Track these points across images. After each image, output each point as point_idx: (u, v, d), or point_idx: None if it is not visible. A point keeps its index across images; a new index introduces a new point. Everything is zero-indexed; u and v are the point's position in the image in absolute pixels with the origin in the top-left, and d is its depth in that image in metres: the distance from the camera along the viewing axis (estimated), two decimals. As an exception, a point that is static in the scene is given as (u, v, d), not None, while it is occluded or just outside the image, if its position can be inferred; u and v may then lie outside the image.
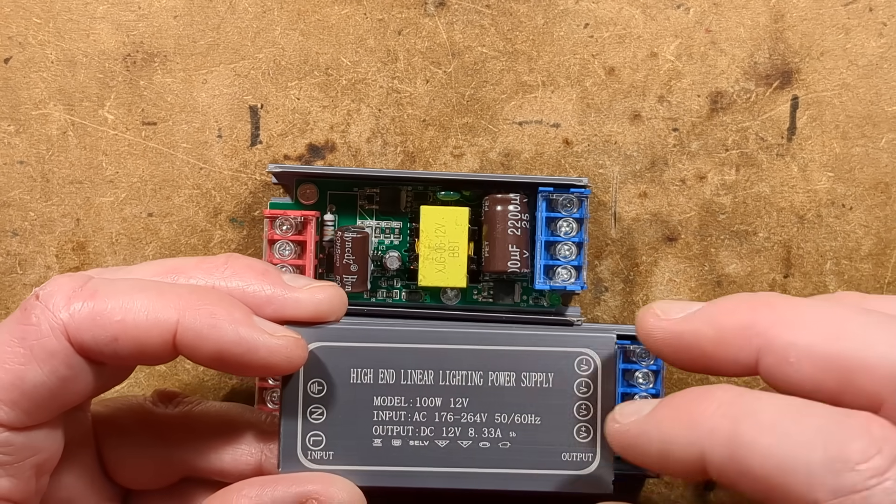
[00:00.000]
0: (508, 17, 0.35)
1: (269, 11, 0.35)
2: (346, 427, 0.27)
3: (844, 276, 0.35)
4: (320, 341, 0.27)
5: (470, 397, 0.27)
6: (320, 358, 0.27)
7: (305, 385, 0.27)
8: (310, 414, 0.27)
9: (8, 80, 0.35)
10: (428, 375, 0.27)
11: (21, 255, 0.36)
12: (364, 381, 0.27)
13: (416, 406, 0.27)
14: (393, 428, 0.27)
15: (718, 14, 0.35)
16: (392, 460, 0.27)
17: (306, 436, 0.27)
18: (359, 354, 0.27)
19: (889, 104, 0.35)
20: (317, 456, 0.27)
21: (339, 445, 0.27)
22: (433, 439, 0.27)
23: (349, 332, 0.27)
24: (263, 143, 0.35)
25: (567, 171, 0.35)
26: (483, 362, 0.27)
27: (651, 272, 0.35)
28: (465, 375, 0.27)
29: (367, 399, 0.27)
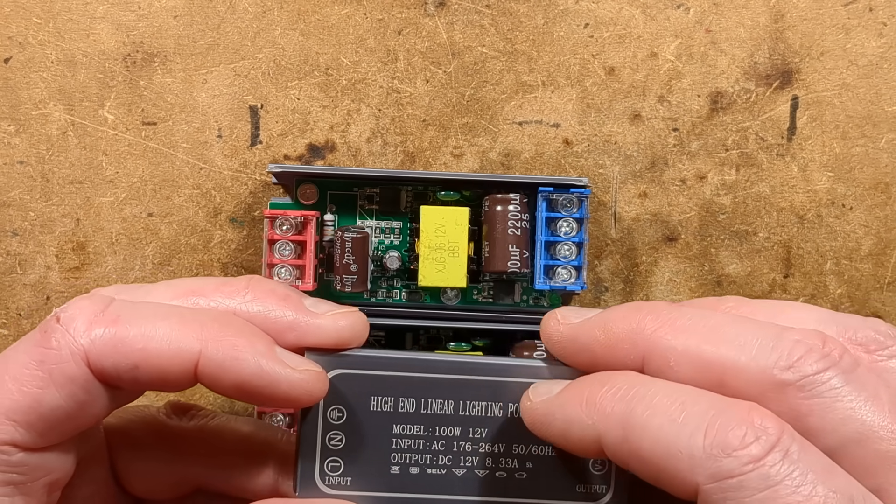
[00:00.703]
0: (508, 17, 0.35)
1: (269, 11, 0.35)
2: (364, 454, 0.27)
3: (844, 276, 0.35)
4: (341, 369, 0.27)
5: (489, 427, 0.27)
6: (341, 385, 0.27)
7: (325, 411, 0.27)
8: (329, 440, 0.27)
9: (8, 80, 0.35)
10: (448, 405, 0.27)
11: (21, 255, 0.36)
12: (384, 408, 0.27)
13: (435, 435, 0.27)
14: (411, 456, 0.27)
15: (718, 14, 0.35)
16: (409, 488, 0.27)
17: (325, 461, 0.27)
18: (380, 382, 0.27)
19: (889, 104, 0.35)
20: (334, 482, 0.27)
21: (357, 472, 0.27)
22: (451, 468, 0.27)
23: (371, 361, 0.27)
24: (263, 143, 0.35)
25: (567, 171, 0.35)
26: (503, 394, 0.27)
27: (651, 272, 0.35)
28: (485, 406, 0.27)
29: (386, 427, 0.27)
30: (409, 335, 0.34)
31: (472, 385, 0.27)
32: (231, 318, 0.25)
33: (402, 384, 0.27)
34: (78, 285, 0.35)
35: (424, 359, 0.27)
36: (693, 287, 0.35)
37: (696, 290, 0.35)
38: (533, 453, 0.27)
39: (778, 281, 0.35)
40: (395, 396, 0.27)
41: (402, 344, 0.34)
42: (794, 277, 0.35)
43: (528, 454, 0.27)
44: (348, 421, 0.27)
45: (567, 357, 0.26)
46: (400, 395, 0.27)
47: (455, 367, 0.28)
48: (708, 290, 0.35)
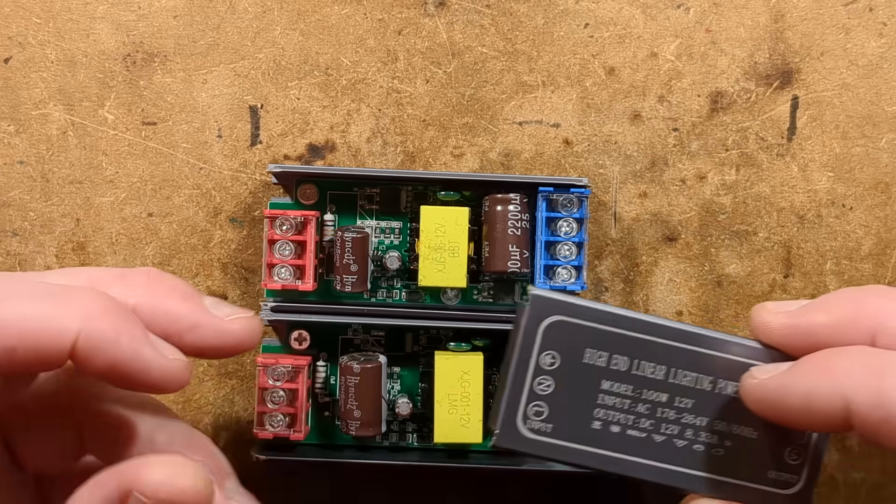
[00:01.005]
0: (508, 17, 0.35)
1: (269, 11, 0.35)
2: (569, 404, 0.27)
3: (844, 276, 0.35)
4: (562, 315, 0.27)
5: (695, 400, 0.28)
6: (558, 332, 0.27)
7: (539, 355, 0.27)
8: (537, 384, 0.27)
9: (8, 80, 0.35)
10: (660, 370, 0.28)
11: (21, 255, 0.36)
12: (597, 362, 0.28)
13: (641, 397, 0.28)
14: (615, 414, 0.28)
15: (718, 14, 0.35)
16: (607, 444, 0.28)
17: (529, 404, 0.27)
18: (597, 336, 0.28)
19: (889, 104, 0.35)
20: (535, 426, 0.27)
21: (559, 420, 0.27)
22: (651, 433, 0.28)
23: (591, 313, 0.27)
24: (263, 143, 0.35)
25: (567, 171, 0.35)
26: (715, 369, 0.28)
27: (651, 272, 0.35)
28: (696, 378, 0.28)
29: (595, 381, 0.28)
30: (409, 335, 0.34)
31: (686, 354, 0.28)
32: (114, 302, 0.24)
33: (618, 341, 0.28)
34: (78, 285, 0.35)
35: (646, 320, 0.28)
36: (693, 287, 0.35)
37: (696, 290, 0.35)
38: (734, 433, 0.28)
39: (778, 281, 0.35)
40: (610, 352, 0.28)
41: (402, 344, 0.34)
42: (794, 277, 0.35)
43: (728, 432, 0.28)
44: (560, 368, 0.27)
45: (787, 343, 0.27)
46: (615, 351, 0.28)
47: (674, 334, 0.28)
48: (708, 289, 0.35)
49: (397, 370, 0.34)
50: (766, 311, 0.27)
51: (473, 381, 0.32)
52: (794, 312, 0.27)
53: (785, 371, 0.26)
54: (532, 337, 0.27)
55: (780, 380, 0.26)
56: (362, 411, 0.32)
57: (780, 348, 0.27)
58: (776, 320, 0.27)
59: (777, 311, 0.27)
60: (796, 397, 0.25)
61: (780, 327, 0.27)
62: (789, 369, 0.26)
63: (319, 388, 0.34)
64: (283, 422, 0.32)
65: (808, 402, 0.25)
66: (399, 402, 0.33)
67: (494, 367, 0.34)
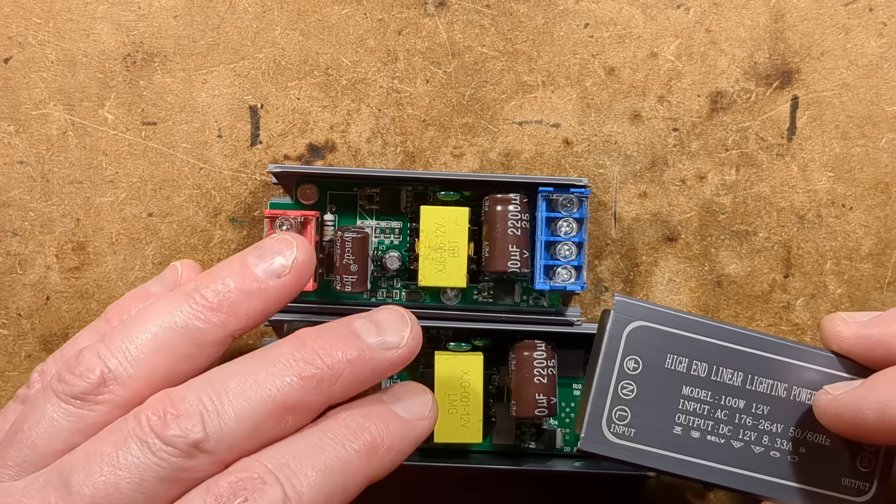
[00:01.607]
0: (508, 17, 0.35)
1: (269, 11, 0.35)
2: (651, 408, 0.28)
3: (844, 276, 0.35)
4: (644, 321, 0.28)
5: (771, 406, 0.29)
6: (641, 337, 0.28)
7: (623, 360, 0.28)
8: (621, 388, 0.28)
9: (8, 80, 0.35)
10: (737, 377, 0.29)
11: (21, 255, 0.36)
12: (678, 367, 0.29)
13: (720, 403, 0.29)
14: (695, 420, 0.28)
15: (718, 14, 0.35)
16: (688, 450, 0.28)
17: (613, 408, 0.28)
18: (678, 342, 0.28)
19: (889, 104, 0.35)
20: (619, 430, 0.28)
21: (641, 424, 0.28)
22: (729, 438, 0.29)
23: (673, 319, 0.28)
24: (263, 143, 0.35)
25: (567, 171, 0.35)
26: (791, 376, 0.29)
27: (651, 272, 0.35)
28: (772, 385, 0.29)
29: (676, 386, 0.28)
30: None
31: (763, 361, 0.29)
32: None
33: (698, 347, 0.28)
34: (78, 285, 0.35)
35: (725, 327, 0.29)
36: (693, 287, 0.35)
37: (695, 290, 0.35)
38: (808, 439, 0.29)
39: (778, 281, 0.35)
40: (690, 358, 0.28)
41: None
42: (794, 277, 0.35)
43: (803, 439, 0.29)
44: (642, 373, 0.28)
45: (860, 353, 0.28)
46: (694, 357, 0.28)
47: (751, 342, 0.29)
48: (708, 289, 0.35)
49: (397, 370, 0.34)
50: (839, 320, 0.28)
51: (473, 381, 0.32)
52: (867, 323, 0.28)
53: (858, 386, 0.26)
54: (616, 342, 0.28)
55: (854, 395, 0.26)
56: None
57: (852, 358, 0.28)
58: (848, 330, 0.28)
59: (850, 321, 0.28)
60: (871, 412, 0.26)
61: (853, 337, 0.28)
62: (863, 384, 0.26)
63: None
64: None
65: (884, 413, 0.25)
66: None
67: (494, 367, 0.34)
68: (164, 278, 0.31)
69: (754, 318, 0.35)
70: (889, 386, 0.26)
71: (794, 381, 0.29)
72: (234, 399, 0.25)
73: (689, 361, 0.29)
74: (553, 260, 0.32)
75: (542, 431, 0.34)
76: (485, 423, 0.33)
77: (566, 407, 0.34)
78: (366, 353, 0.26)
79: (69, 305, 0.36)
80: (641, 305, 0.28)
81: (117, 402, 0.26)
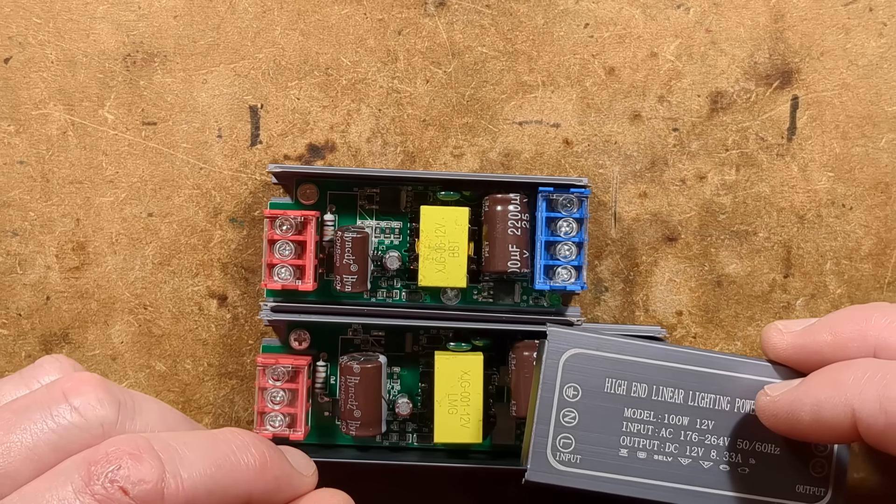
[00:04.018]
0: (508, 17, 0.35)
1: (269, 11, 0.35)
2: (595, 434, 0.28)
3: (844, 276, 0.35)
4: (580, 348, 0.29)
5: (716, 421, 0.29)
6: (577, 364, 0.28)
7: (561, 388, 0.28)
8: (562, 416, 0.28)
9: (8, 80, 0.35)
10: (679, 394, 0.29)
11: (21, 255, 0.36)
12: (618, 391, 0.29)
13: (664, 422, 0.29)
14: (640, 441, 0.28)
15: (718, 14, 0.35)
16: (636, 472, 0.28)
17: (557, 437, 0.28)
18: (615, 365, 0.29)
19: (889, 104, 0.35)
20: (565, 458, 0.28)
21: (586, 450, 0.28)
22: (677, 456, 0.29)
23: (608, 343, 0.29)
24: (263, 143, 0.35)
25: (567, 171, 0.35)
26: (731, 389, 0.29)
27: (651, 272, 0.35)
28: (714, 399, 0.29)
29: (618, 409, 0.28)
30: (409, 335, 0.34)
31: (702, 377, 0.29)
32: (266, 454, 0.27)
33: (635, 369, 0.29)
34: (78, 285, 0.35)
35: (658, 347, 0.29)
36: (693, 287, 0.35)
37: (695, 290, 0.35)
38: (756, 450, 0.29)
39: (778, 281, 0.35)
40: (629, 380, 0.29)
41: (402, 344, 0.34)
42: (794, 277, 0.35)
43: (751, 450, 0.29)
44: (582, 399, 0.28)
45: (795, 362, 0.28)
46: (633, 379, 0.29)
47: (687, 358, 0.29)
48: (708, 289, 0.35)
49: (397, 370, 0.34)
50: (774, 331, 0.28)
51: (473, 381, 0.32)
52: (801, 333, 0.28)
53: (795, 387, 0.27)
54: (553, 371, 0.28)
55: (791, 396, 0.27)
56: (362, 411, 0.32)
57: (789, 366, 0.28)
58: (783, 341, 0.28)
59: (785, 331, 0.28)
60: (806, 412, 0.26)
61: (788, 347, 0.28)
62: (799, 385, 0.27)
63: (319, 388, 0.34)
64: (283, 422, 0.32)
65: (817, 414, 0.26)
66: (399, 402, 0.33)
67: (494, 367, 0.34)
68: None
69: (754, 318, 0.35)
70: (823, 386, 0.26)
71: (736, 394, 0.29)
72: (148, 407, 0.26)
73: (629, 384, 0.29)
74: (553, 260, 0.32)
75: (542, 431, 0.34)
76: (485, 423, 0.33)
77: (566, 407, 0.34)
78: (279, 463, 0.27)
79: (69, 305, 0.36)
80: (574, 334, 0.28)
81: None
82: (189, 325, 0.35)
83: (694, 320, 0.35)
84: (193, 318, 0.36)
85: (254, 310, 0.35)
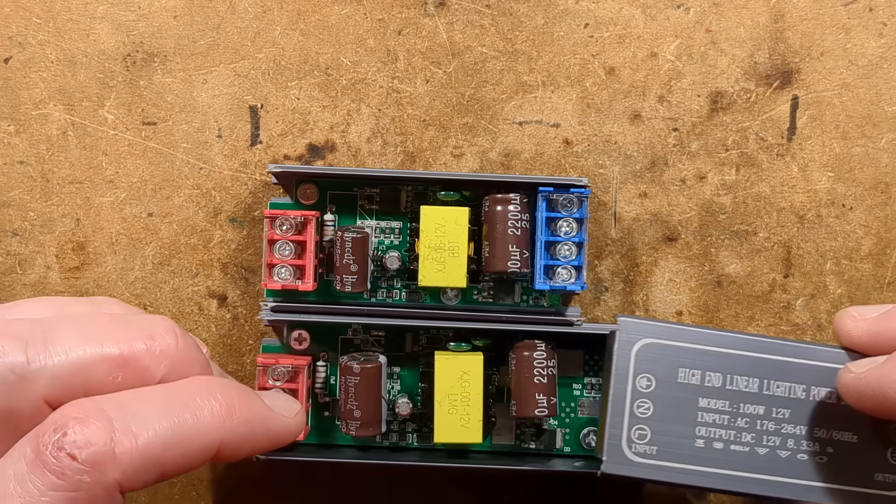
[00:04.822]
0: (508, 17, 0.35)
1: (269, 11, 0.35)
2: (671, 424, 0.28)
3: (844, 276, 0.35)
4: (651, 338, 0.29)
5: (791, 409, 0.29)
6: (650, 354, 0.29)
7: (635, 379, 0.29)
8: (637, 407, 0.28)
9: (8, 80, 0.35)
10: (753, 383, 0.29)
11: (21, 255, 0.36)
12: (691, 381, 0.29)
13: (739, 412, 0.29)
14: (716, 430, 0.28)
15: (718, 14, 0.35)
16: (713, 462, 0.28)
17: (632, 428, 0.28)
18: (688, 355, 0.29)
19: (889, 104, 0.35)
20: (641, 449, 0.28)
21: (662, 441, 0.28)
22: (753, 446, 0.28)
23: (681, 333, 0.29)
24: (263, 143, 0.35)
25: (567, 171, 0.35)
26: (806, 376, 0.29)
27: (651, 272, 0.35)
28: (789, 387, 0.29)
29: (692, 399, 0.29)
30: (409, 335, 0.34)
31: (776, 365, 0.29)
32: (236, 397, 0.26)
33: (708, 358, 0.29)
34: (78, 285, 0.35)
35: (731, 335, 0.29)
36: (693, 287, 0.35)
37: (696, 290, 0.35)
38: (834, 438, 0.28)
39: (778, 281, 0.35)
40: (702, 370, 0.29)
41: (402, 344, 0.34)
42: (794, 277, 0.35)
43: (829, 438, 0.28)
44: (656, 390, 0.28)
45: (869, 348, 0.28)
46: (707, 368, 0.29)
47: (760, 347, 0.29)
48: (708, 289, 0.35)
49: (397, 370, 0.34)
50: (847, 317, 0.29)
51: (473, 381, 0.32)
52: (876, 320, 0.28)
53: (882, 364, 0.27)
54: (626, 361, 0.29)
55: (878, 372, 0.26)
56: (362, 411, 0.32)
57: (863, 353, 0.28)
58: (858, 328, 0.28)
59: (859, 317, 0.28)
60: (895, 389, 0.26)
61: (863, 334, 0.28)
62: (886, 361, 0.27)
63: (319, 388, 0.34)
64: None
65: None
66: (399, 402, 0.33)
67: (494, 367, 0.34)
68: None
69: (754, 318, 0.35)
70: None
71: (811, 381, 0.29)
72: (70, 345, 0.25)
73: (702, 373, 0.29)
74: (553, 260, 0.32)
75: (542, 431, 0.34)
76: (485, 423, 0.33)
77: (566, 407, 0.34)
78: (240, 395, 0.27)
79: (69, 305, 0.36)
80: (646, 323, 0.29)
81: None
82: (189, 326, 0.35)
83: (694, 320, 0.35)
84: (193, 318, 0.36)
85: (254, 310, 0.35)
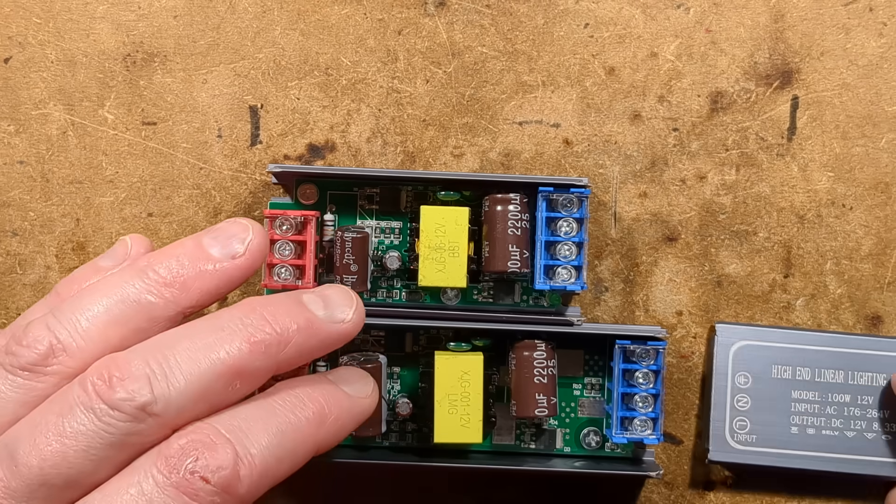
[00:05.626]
0: (508, 17, 0.35)
1: (269, 11, 0.35)
2: (767, 414, 0.33)
3: (844, 276, 0.35)
4: (746, 340, 0.33)
5: (875, 396, 0.33)
6: (746, 355, 0.33)
7: (733, 377, 0.33)
8: (736, 402, 0.33)
9: (8, 80, 0.35)
10: (839, 375, 0.33)
11: (21, 255, 0.36)
12: (784, 376, 0.33)
13: (828, 401, 0.33)
14: (808, 418, 0.33)
15: (718, 14, 0.35)
16: (807, 446, 0.33)
17: (733, 420, 0.33)
18: (779, 353, 0.33)
19: (889, 104, 0.35)
20: (742, 438, 0.33)
21: (761, 430, 0.33)
22: (843, 430, 0.33)
23: (772, 334, 0.33)
24: (263, 143, 0.35)
25: (567, 171, 0.35)
26: (887, 366, 0.33)
27: (651, 272, 0.35)
28: (872, 377, 0.33)
29: (786, 392, 0.33)
30: (409, 335, 0.34)
31: (859, 358, 0.33)
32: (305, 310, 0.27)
33: (798, 355, 0.33)
34: (78, 285, 0.35)
35: (817, 334, 0.33)
36: (693, 287, 0.35)
37: (696, 290, 0.35)
38: None
39: (778, 281, 0.35)
40: (793, 366, 0.33)
41: (402, 344, 0.34)
42: (794, 277, 0.35)
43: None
44: (753, 386, 0.33)
45: None
46: (797, 364, 0.33)
47: (844, 343, 0.33)
48: (708, 290, 0.35)
49: (397, 370, 0.34)
50: None
51: (473, 381, 0.32)
52: None
53: None
54: (725, 362, 0.33)
55: None
56: None
57: None
58: None
59: None
60: None
61: None
62: None
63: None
64: None
65: None
66: (399, 402, 0.33)
67: (494, 367, 0.34)
68: (115, 252, 0.31)
69: (754, 318, 0.35)
70: None
71: (892, 370, 0.32)
72: (182, 362, 0.25)
73: (793, 369, 0.33)
74: (553, 260, 0.32)
75: (542, 431, 0.34)
76: (485, 423, 0.33)
77: (566, 407, 0.34)
78: (314, 324, 0.27)
79: (69, 305, 0.36)
80: (740, 328, 0.33)
81: (67, 374, 0.25)
82: (189, 325, 0.35)
83: (694, 320, 0.35)
84: (193, 318, 0.36)
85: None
